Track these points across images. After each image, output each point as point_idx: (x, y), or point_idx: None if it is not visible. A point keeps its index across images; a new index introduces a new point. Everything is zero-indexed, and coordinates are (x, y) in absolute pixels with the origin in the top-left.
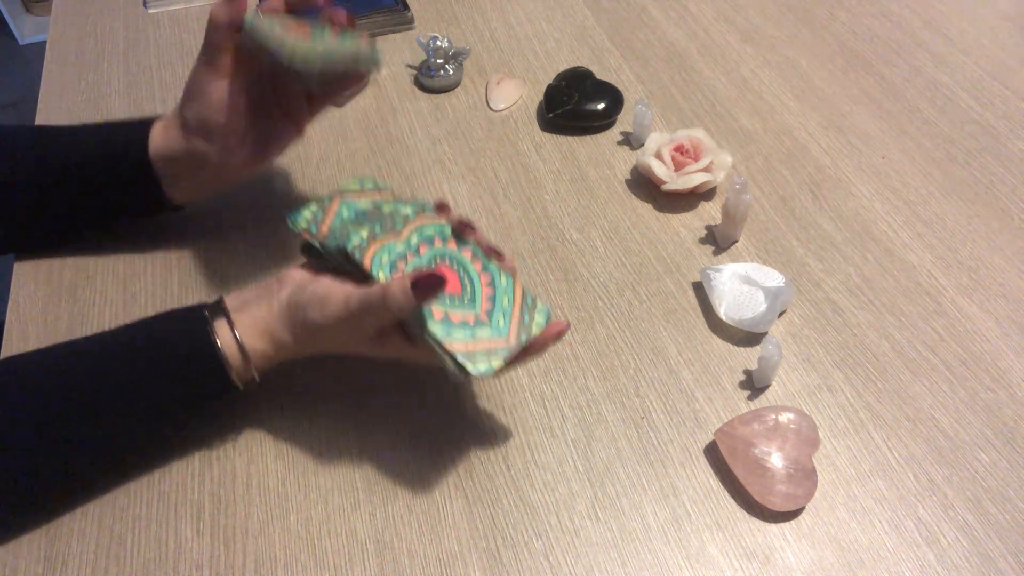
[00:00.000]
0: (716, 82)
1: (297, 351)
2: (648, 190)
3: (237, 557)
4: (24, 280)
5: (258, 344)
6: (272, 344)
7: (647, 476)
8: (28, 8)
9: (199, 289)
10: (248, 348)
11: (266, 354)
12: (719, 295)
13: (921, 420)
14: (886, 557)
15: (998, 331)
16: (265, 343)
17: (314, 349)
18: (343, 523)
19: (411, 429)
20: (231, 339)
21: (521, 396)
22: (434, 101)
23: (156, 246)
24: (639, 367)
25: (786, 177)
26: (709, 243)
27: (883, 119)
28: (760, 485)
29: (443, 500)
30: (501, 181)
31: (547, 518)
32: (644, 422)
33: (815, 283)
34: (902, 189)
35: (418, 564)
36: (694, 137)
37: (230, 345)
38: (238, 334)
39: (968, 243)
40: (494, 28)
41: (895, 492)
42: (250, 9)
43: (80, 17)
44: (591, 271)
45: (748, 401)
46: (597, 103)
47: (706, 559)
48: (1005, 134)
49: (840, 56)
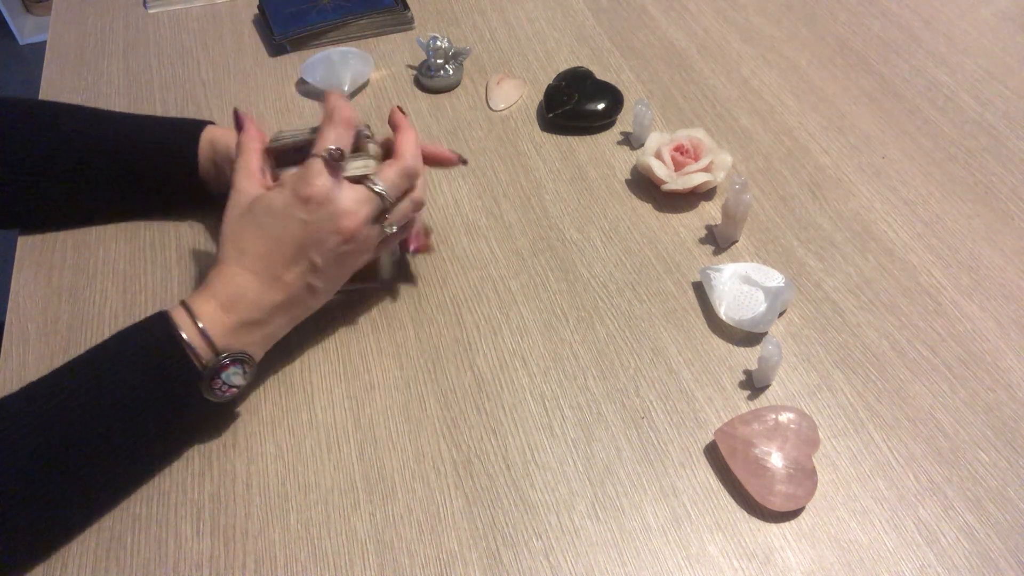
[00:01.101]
0: (716, 82)
1: (266, 293)
2: (648, 190)
3: (237, 557)
4: (24, 280)
5: (228, 315)
6: (246, 306)
7: (647, 476)
8: (28, 8)
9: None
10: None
11: (244, 321)
12: (719, 295)
13: (921, 420)
14: (886, 557)
15: (998, 331)
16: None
17: (276, 273)
18: (343, 523)
19: (411, 429)
20: (189, 321)
21: (521, 396)
22: (434, 101)
23: (156, 246)
24: (639, 367)
25: (786, 177)
26: (709, 243)
27: (883, 119)
28: (760, 485)
29: (443, 500)
30: (501, 181)
31: (547, 518)
32: (644, 422)
33: (815, 283)
34: (902, 189)
35: (418, 564)
36: (694, 137)
37: (189, 327)
38: (194, 309)
39: (968, 243)
40: (494, 28)
41: (895, 492)
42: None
43: (80, 17)
44: (591, 271)
45: (748, 401)
46: (597, 103)
47: (706, 559)
48: (1005, 134)
49: (840, 56)
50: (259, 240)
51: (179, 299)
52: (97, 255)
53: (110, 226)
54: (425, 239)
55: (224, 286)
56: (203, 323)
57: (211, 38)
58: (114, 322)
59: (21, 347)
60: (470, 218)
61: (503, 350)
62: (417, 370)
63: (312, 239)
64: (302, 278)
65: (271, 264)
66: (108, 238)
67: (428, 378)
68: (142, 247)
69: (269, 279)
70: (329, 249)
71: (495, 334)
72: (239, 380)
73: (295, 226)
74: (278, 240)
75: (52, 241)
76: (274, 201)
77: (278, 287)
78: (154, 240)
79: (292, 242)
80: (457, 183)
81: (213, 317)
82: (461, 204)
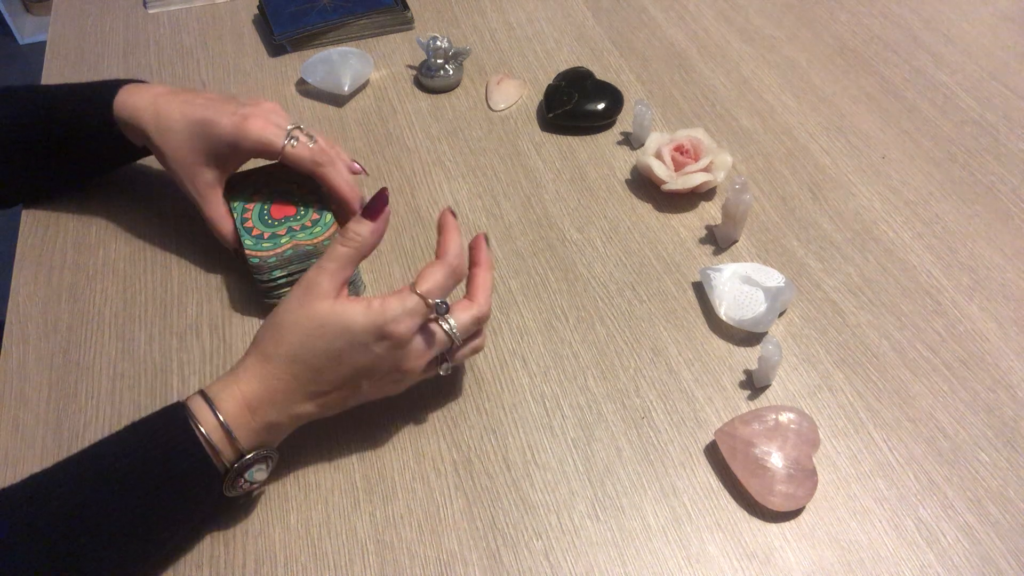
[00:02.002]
0: (716, 82)
1: (301, 404)
2: (648, 190)
3: (237, 557)
4: (24, 280)
5: (253, 417)
6: (275, 410)
7: (647, 476)
8: (28, 8)
9: (199, 290)
10: (239, 425)
11: (270, 423)
12: (719, 295)
13: (921, 420)
14: (886, 557)
15: (998, 331)
16: (263, 412)
17: (329, 396)
18: (343, 523)
19: (411, 429)
20: (213, 421)
21: (521, 396)
22: (434, 101)
23: (156, 246)
24: (639, 367)
25: (786, 177)
26: (709, 243)
27: (883, 119)
28: (760, 485)
29: (443, 500)
30: (501, 181)
31: (547, 518)
32: (644, 422)
33: (815, 283)
34: (902, 189)
35: (418, 564)
36: (694, 137)
37: (214, 428)
38: (218, 405)
39: (968, 243)
40: (494, 28)
41: (895, 492)
42: None
43: (80, 17)
44: (591, 271)
45: (748, 401)
46: (597, 103)
47: (706, 559)
48: (1005, 134)
49: (840, 56)
50: (320, 355)
51: (179, 299)
52: (97, 255)
53: (110, 226)
54: None
55: (258, 384)
56: (227, 420)
57: (211, 38)
58: (114, 322)
59: (21, 347)
60: (470, 218)
61: (503, 350)
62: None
63: (372, 369)
64: (342, 398)
65: (319, 380)
66: (108, 238)
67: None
68: (142, 247)
69: (310, 393)
70: (380, 378)
71: (495, 334)
72: (262, 476)
73: (362, 355)
74: (338, 361)
75: (52, 241)
76: (355, 325)
77: (316, 402)
78: (154, 240)
79: (352, 367)
80: (457, 183)
81: (237, 417)
82: (461, 204)
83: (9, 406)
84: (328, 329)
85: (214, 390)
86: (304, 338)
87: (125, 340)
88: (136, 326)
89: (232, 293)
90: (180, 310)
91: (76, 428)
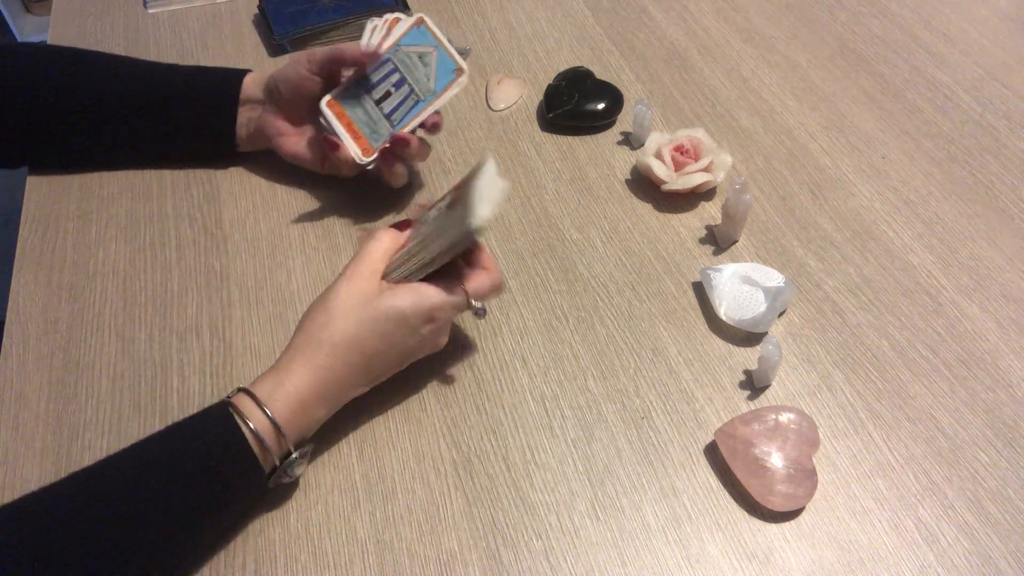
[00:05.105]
0: (716, 82)
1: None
2: (648, 190)
3: (237, 557)
4: (24, 280)
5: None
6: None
7: (647, 476)
8: (28, 8)
9: (198, 290)
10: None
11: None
12: (719, 295)
13: (921, 420)
14: (886, 557)
15: (998, 331)
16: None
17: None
18: (343, 523)
19: (411, 429)
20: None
21: (521, 396)
22: None
23: (156, 246)
24: (639, 367)
25: (786, 177)
26: (709, 243)
27: (883, 119)
28: (760, 485)
29: (443, 500)
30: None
31: (547, 518)
32: (644, 422)
33: (815, 283)
34: (902, 189)
35: (418, 564)
36: (694, 137)
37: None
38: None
39: (968, 243)
40: (494, 28)
41: (895, 492)
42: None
43: (80, 17)
44: (591, 271)
45: (748, 401)
46: (597, 103)
47: (706, 559)
48: (1005, 134)
49: (840, 56)
50: (375, 338)
51: (179, 299)
52: (97, 255)
53: (110, 226)
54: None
55: (311, 377)
56: (278, 421)
57: (211, 38)
58: (114, 322)
59: (21, 347)
60: None
61: (503, 350)
62: (417, 370)
63: (415, 351)
64: (387, 375)
65: (375, 365)
66: (108, 238)
67: (428, 378)
68: (142, 247)
69: (366, 379)
70: (415, 357)
71: (495, 334)
72: (301, 470)
73: (411, 337)
74: (390, 343)
75: (52, 241)
76: (407, 308)
77: (366, 383)
78: (154, 240)
79: (400, 350)
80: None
81: (288, 418)
82: None
83: (9, 406)
84: (380, 312)
85: (263, 391)
86: (357, 323)
87: (125, 340)
88: (136, 326)
89: (232, 293)
90: (180, 310)
91: (76, 428)
